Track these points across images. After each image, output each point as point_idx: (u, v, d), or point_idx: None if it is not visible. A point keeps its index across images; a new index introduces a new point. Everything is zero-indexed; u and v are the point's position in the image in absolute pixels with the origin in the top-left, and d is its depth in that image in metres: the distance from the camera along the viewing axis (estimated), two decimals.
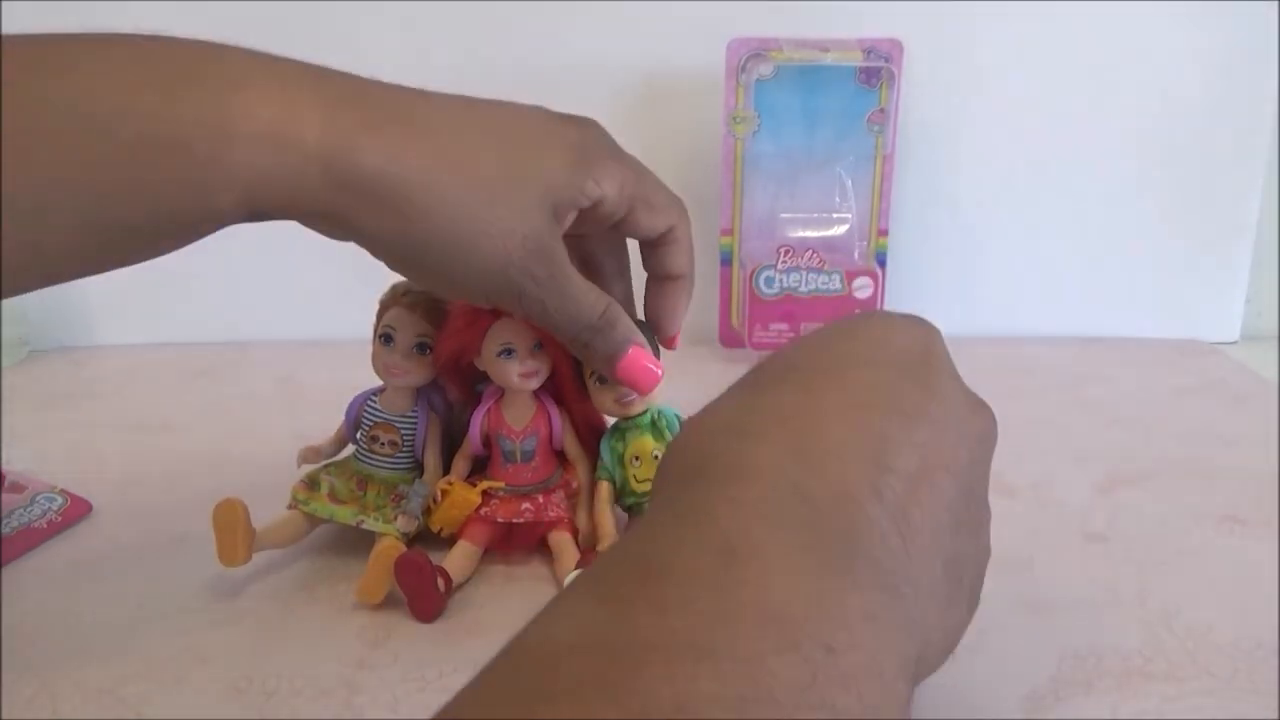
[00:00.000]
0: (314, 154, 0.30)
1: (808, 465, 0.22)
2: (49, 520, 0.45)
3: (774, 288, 0.65)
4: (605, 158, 0.35)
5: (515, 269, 0.33)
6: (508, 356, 0.39)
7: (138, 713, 0.32)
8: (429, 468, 0.43)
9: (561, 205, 0.34)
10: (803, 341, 0.28)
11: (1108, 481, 0.48)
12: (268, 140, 0.29)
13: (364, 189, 0.30)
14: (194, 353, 0.74)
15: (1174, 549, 0.41)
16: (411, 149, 0.31)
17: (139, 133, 0.28)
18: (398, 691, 0.33)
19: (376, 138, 0.30)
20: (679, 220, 0.38)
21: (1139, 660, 0.33)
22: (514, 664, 0.19)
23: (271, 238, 0.32)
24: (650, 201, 0.37)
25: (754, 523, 0.21)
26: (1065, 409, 0.59)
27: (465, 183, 0.31)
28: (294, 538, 0.41)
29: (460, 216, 0.31)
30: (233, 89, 0.29)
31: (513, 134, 0.33)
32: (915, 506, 0.23)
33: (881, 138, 0.66)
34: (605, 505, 0.41)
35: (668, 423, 0.42)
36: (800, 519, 0.21)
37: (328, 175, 0.30)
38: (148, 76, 0.28)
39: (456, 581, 0.39)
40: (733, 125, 0.66)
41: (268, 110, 0.29)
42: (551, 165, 0.33)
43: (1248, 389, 0.62)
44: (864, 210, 0.68)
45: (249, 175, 0.29)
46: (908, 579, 0.22)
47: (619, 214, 0.36)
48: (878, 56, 0.65)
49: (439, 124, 0.32)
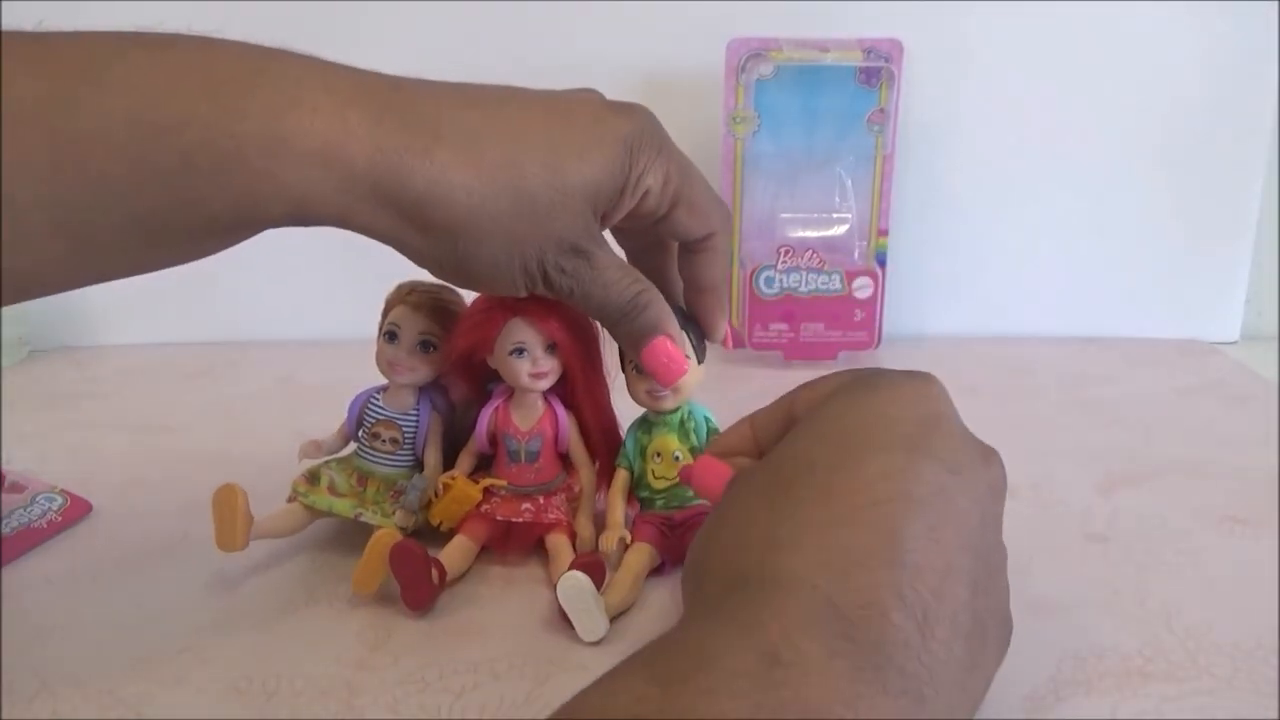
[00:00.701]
0: (363, 174, 0.30)
1: (835, 576, 0.24)
2: (49, 520, 0.45)
3: (774, 288, 0.65)
4: (652, 152, 0.35)
5: (549, 263, 0.33)
6: (519, 356, 0.39)
7: (138, 713, 0.32)
8: (429, 466, 0.43)
9: (605, 204, 0.34)
10: (815, 423, 0.29)
11: (1108, 481, 0.48)
12: (319, 158, 0.30)
13: (410, 211, 0.31)
14: (194, 353, 0.74)
15: (1174, 549, 0.41)
16: (457, 169, 0.31)
17: (195, 144, 0.28)
18: (398, 693, 0.33)
19: (424, 161, 0.31)
20: (720, 228, 0.38)
21: (1139, 660, 0.33)
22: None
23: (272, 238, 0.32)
24: (693, 202, 0.37)
25: (795, 632, 0.23)
26: (1065, 409, 0.59)
27: (509, 198, 0.32)
28: (293, 528, 0.41)
29: (504, 232, 0.32)
30: (287, 105, 0.29)
31: (559, 137, 0.33)
32: (935, 599, 0.24)
33: (881, 138, 0.66)
34: (619, 494, 0.41)
35: (695, 425, 0.41)
36: (834, 630, 0.23)
37: (376, 195, 0.31)
38: (205, 86, 0.29)
39: (451, 575, 0.39)
40: (733, 125, 0.66)
41: (320, 128, 0.30)
42: (596, 167, 0.33)
43: (1248, 389, 0.62)
44: (864, 210, 0.68)
45: (298, 190, 0.30)
46: (930, 681, 0.23)
47: (662, 210, 0.36)
48: (878, 56, 0.65)
49: (485, 135, 0.32)
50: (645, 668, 0.23)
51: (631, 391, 0.40)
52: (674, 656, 0.23)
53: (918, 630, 0.24)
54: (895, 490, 0.26)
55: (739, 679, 0.21)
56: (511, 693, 0.33)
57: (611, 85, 0.37)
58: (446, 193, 0.31)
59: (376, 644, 0.36)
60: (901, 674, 0.23)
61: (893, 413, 0.28)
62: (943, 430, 0.28)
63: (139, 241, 0.30)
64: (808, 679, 0.22)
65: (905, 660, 0.23)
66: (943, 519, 0.26)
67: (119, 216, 0.29)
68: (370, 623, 0.37)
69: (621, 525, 0.40)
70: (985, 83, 0.69)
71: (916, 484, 0.26)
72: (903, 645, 0.23)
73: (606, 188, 0.34)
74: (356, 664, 0.34)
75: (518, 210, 0.32)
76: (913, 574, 0.24)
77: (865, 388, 0.30)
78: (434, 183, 0.31)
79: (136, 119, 0.28)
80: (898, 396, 0.29)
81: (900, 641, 0.23)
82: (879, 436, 0.27)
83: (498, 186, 0.32)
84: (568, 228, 0.33)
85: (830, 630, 0.23)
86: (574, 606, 0.35)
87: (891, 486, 0.26)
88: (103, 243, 0.29)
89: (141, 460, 0.54)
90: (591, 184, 0.33)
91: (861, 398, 0.29)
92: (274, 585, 0.40)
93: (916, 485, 0.26)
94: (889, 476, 0.26)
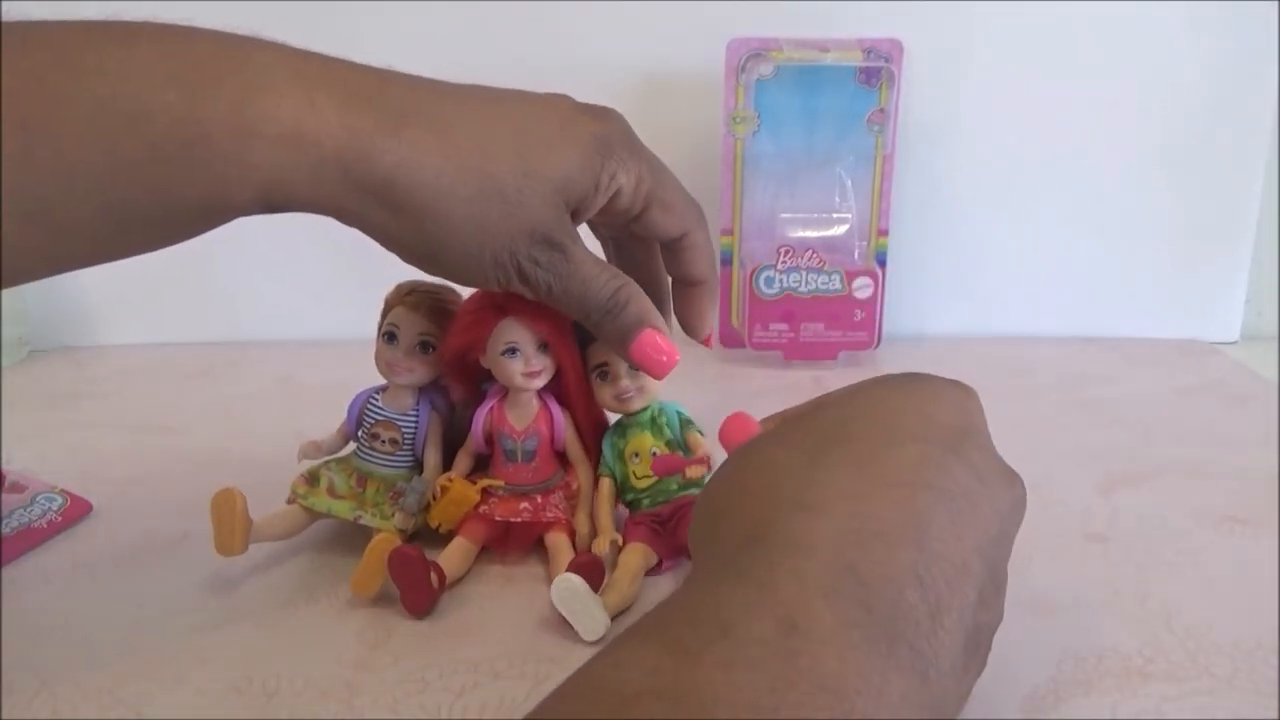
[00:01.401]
0: (331, 156, 0.30)
1: (859, 545, 0.24)
2: (49, 520, 0.45)
3: (774, 288, 0.65)
4: (624, 152, 0.35)
5: (522, 255, 0.33)
6: (511, 355, 0.39)
7: (138, 713, 0.32)
8: (429, 466, 0.43)
9: (575, 199, 0.34)
10: (855, 400, 0.30)
11: (1108, 481, 0.48)
12: (287, 142, 0.30)
13: (379, 191, 0.31)
14: (194, 353, 0.74)
15: (1174, 549, 0.41)
16: (426, 150, 0.31)
17: (163, 131, 0.28)
18: (398, 693, 0.33)
19: (392, 140, 0.31)
20: (695, 226, 0.38)
21: (1139, 660, 0.33)
22: (582, 702, 0.21)
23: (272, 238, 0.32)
24: (666, 202, 0.37)
25: (813, 597, 0.22)
26: (1065, 409, 0.59)
27: (478, 182, 0.32)
28: (291, 531, 0.41)
29: (474, 217, 0.32)
30: (255, 90, 0.29)
31: (529, 129, 0.34)
32: (948, 590, 0.24)
33: (881, 138, 0.66)
34: (606, 502, 0.41)
35: (668, 419, 0.42)
36: (854, 598, 0.23)
37: (345, 177, 0.31)
38: (174, 74, 0.29)
39: (451, 578, 0.39)
40: (733, 125, 0.66)
41: (288, 112, 0.30)
42: (566, 160, 0.33)
43: (1248, 389, 0.62)
44: (864, 210, 0.68)
45: (267, 174, 0.30)
46: (935, 664, 0.23)
47: (635, 210, 0.36)
48: (878, 56, 0.65)
49: (455, 121, 0.33)
50: (657, 635, 0.22)
51: (599, 399, 0.41)
52: (688, 623, 0.22)
53: (930, 615, 0.24)
54: (928, 479, 0.26)
55: (754, 647, 0.21)
56: (511, 692, 0.32)
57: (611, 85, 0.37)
58: (414, 173, 0.31)
59: (376, 644, 0.36)
60: (912, 651, 0.23)
61: (931, 411, 0.28)
62: (976, 441, 0.28)
63: (110, 230, 0.30)
64: (825, 648, 0.21)
65: (916, 639, 0.23)
66: (966, 519, 0.26)
67: (91, 206, 0.29)
68: (370, 623, 0.37)
69: (612, 529, 0.40)
70: (985, 83, 0.69)
71: (948, 479, 0.26)
72: (915, 624, 0.23)
73: (577, 182, 0.34)
74: (356, 664, 0.34)
75: (486, 195, 0.32)
76: (932, 559, 0.24)
77: (910, 380, 0.30)
78: (402, 162, 0.31)
79: (107, 109, 0.28)
80: (940, 398, 0.29)
81: (914, 620, 0.23)
82: (918, 428, 0.28)
83: (466, 171, 0.32)
84: (538, 217, 0.33)
85: (849, 599, 0.23)
86: (571, 608, 0.35)
87: (925, 474, 0.26)
88: (74, 232, 0.29)
89: (141, 460, 0.54)
90: (561, 176, 0.33)
91: (906, 387, 0.30)
92: (274, 585, 0.40)
93: (948, 480, 0.26)
94: (924, 464, 0.26)
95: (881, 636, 0.22)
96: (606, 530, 0.40)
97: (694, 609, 0.23)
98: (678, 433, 0.42)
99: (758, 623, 0.21)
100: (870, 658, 0.22)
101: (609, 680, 0.21)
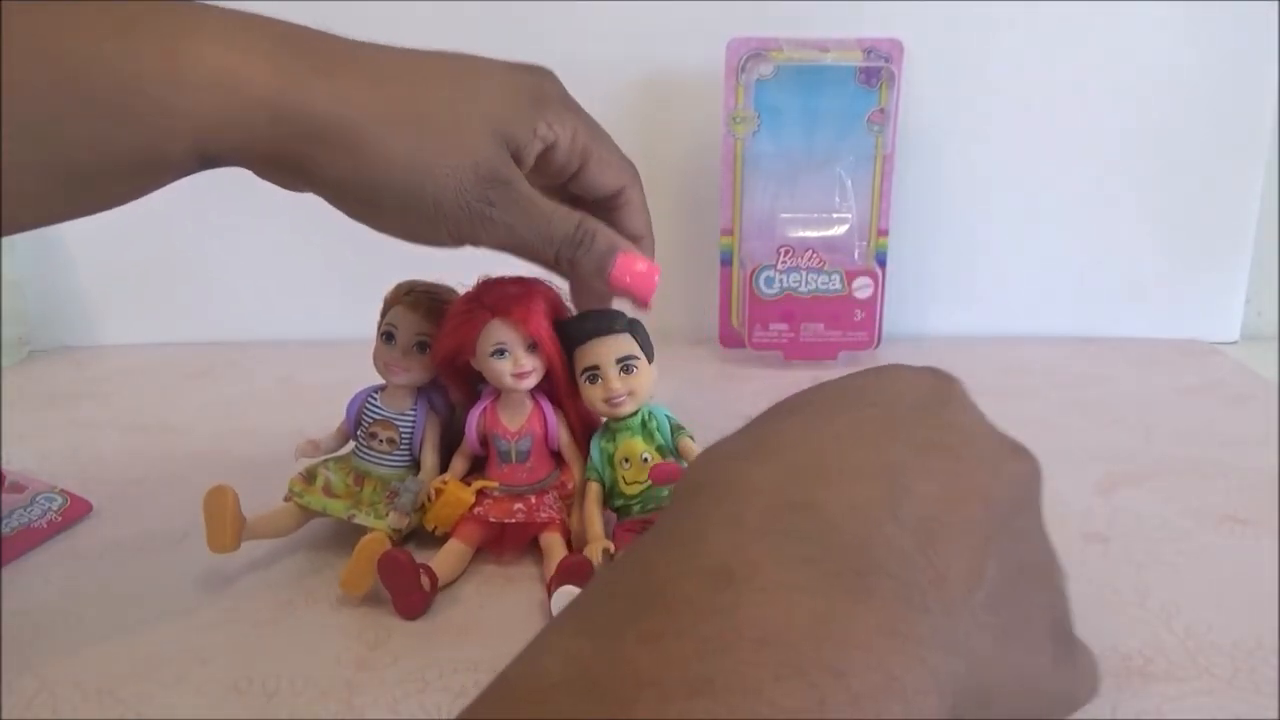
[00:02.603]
0: (262, 99, 0.30)
1: (814, 482, 0.21)
2: (49, 520, 0.45)
3: (774, 288, 0.65)
4: (559, 105, 0.35)
5: (471, 195, 0.33)
6: (500, 356, 0.39)
7: (138, 713, 0.32)
8: (426, 466, 0.43)
9: (513, 140, 0.34)
10: (816, 387, 0.27)
11: (1108, 481, 0.48)
12: (216, 86, 0.30)
13: (313, 132, 0.31)
14: (194, 353, 0.74)
15: (1174, 549, 0.41)
16: (360, 92, 0.31)
17: (99, 82, 0.29)
18: (397, 692, 0.33)
19: (325, 81, 0.31)
20: (631, 182, 0.39)
21: (1139, 660, 0.33)
22: (500, 701, 0.18)
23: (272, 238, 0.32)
24: (603, 159, 0.37)
25: (751, 541, 0.19)
26: (1065, 409, 0.59)
27: (414, 121, 0.32)
28: (286, 529, 0.41)
29: (411, 152, 0.32)
30: (182, 36, 0.30)
31: (463, 78, 0.34)
32: (941, 528, 0.21)
33: (881, 138, 0.66)
34: (594, 506, 0.41)
35: (658, 424, 0.41)
36: (802, 533, 0.20)
37: (277, 120, 0.31)
38: (111, 27, 0.29)
39: (444, 580, 0.38)
40: (733, 125, 0.66)
41: (216, 56, 0.30)
42: (502, 104, 0.34)
43: (1248, 389, 0.62)
44: (864, 210, 0.68)
45: (198, 121, 0.30)
46: (939, 598, 0.20)
47: (573, 165, 0.37)
48: (878, 56, 0.65)
49: (388, 69, 0.33)
50: (582, 616, 0.20)
51: (588, 401, 0.41)
52: (608, 597, 0.20)
53: (919, 548, 0.20)
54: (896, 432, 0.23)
55: (683, 611, 0.18)
56: None
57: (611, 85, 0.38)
58: (347, 111, 0.31)
59: (376, 644, 0.36)
60: (895, 580, 0.19)
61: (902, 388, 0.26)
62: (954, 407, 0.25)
63: (57, 187, 0.30)
64: (765, 595, 0.18)
65: (900, 568, 0.20)
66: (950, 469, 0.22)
67: (40, 163, 0.29)
68: (370, 623, 0.37)
69: (602, 536, 0.40)
70: (985, 83, 0.69)
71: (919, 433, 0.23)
72: (898, 555, 0.20)
73: (512, 125, 0.34)
74: (356, 664, 0.34)
75: (422, 131, 0.32)
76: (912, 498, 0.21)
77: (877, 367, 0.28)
78: (334, 100, 0.31)
79: (50, 63, 0.28)
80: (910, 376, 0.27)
81: (894, 551, 0.20)
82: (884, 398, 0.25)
83: (400, 108, 0.32)
84: (480, 152, 0.33)
85: (796, 535, 0.20)
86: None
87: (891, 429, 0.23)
88: (24, 193, 0.29)
89: (141, 460, 0.54)
90: (495, 116, 0.33)
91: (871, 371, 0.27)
92: (274, 585, 0.40)
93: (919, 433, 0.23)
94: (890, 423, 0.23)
95: (846, 569, 0.19)
96: (597, 537, 0.40)
97: (619, 583, 0.20)
98: (669, 438, 0.41)
99: (686, 583, 0.19)
100: (829, 598, 0.18)
101: (526, 675, 0.18)
